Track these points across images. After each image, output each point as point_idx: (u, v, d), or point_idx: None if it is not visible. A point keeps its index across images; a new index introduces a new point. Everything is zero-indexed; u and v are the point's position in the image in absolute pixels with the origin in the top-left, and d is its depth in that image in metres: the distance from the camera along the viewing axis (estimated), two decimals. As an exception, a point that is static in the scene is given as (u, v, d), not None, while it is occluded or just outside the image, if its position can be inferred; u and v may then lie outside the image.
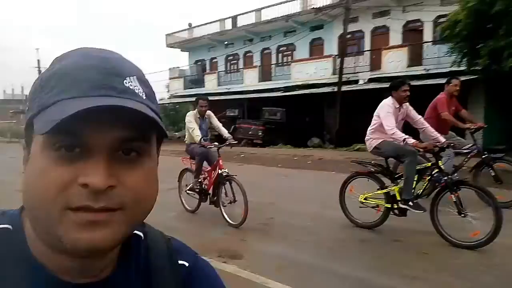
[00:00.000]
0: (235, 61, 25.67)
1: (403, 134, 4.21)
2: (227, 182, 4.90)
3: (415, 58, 16.47)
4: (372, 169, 4.69)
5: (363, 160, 4.93)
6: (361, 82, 17.61)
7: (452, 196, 3.95)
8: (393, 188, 4.48)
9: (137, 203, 0.47)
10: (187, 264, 0.59)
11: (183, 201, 5.76)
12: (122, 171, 0.45)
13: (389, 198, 4.46)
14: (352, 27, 18.85)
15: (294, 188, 7.61)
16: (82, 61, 0.46)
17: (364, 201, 4.70)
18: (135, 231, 0.56)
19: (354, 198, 4.77)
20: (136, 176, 0.46)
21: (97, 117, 0.42)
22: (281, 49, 22.99)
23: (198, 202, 5.44)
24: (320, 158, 11.86)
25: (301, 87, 19.37)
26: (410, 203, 4.26)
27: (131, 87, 0.47)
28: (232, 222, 4.80)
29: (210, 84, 25.13)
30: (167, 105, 29.73)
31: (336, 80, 17.48)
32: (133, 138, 0.46)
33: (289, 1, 21.23)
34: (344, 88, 16.81)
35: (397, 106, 4.53)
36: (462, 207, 3.92)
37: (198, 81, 26.40)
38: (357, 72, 18.10)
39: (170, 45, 27.88)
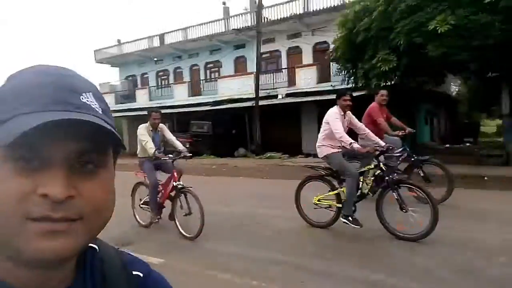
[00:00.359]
0: (165, 77, 26.53)
1: (350, 139, 4.54)
2: (182, 194, 4.90)
3: (324, 76, 18.67)
4: (322, 173, 5.07)
5: (314, 165, 5.31)
6: (279, 97, 19.47)
7: (394, 194, 4.33)
8: (342, 189, 4.84)
9: (96, 213, 0.48)
10: (141, 275, 0.61)
11: (136, 215, 5.70)
12: (80, 182, 0.47)
13: (340, 198, 4.84)
14: (270, 47, 20.90)
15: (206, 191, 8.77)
16: (38, 78, 0.48)
17: (318, 202, 5.06)
18: (90, 244, 0.56)
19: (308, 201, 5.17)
20: (94, 187, 0.48)
21: (56, 130, 0.44)
22: (208, 65, 24.33)
23: (156, 213, 5.38)
24: (235, 166, 13.21)
25: (227, 102, 20.80)
26: (350, 218, 4.65)
27: (87, 103, 0.49)
28: (187, 235, 4.83)
29: (142, 99, 25.70)
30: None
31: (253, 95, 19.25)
32: (90, 150, 0.48)
33: (213, 22, 22.67)
34: (264, 102, 18.52)
35: (342, 113, 4.91)
36: (403, 203, 4.30)
37: (130, 96, 26.81)
38: (276, 88, 19.95)
39: (99, 61, 27.94)
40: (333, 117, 4.74)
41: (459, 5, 7.86)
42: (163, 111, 20.05)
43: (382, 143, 4.75)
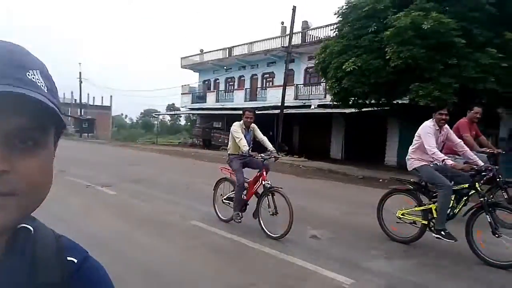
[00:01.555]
0: (232, 83, 31.16)
1: (443, 155, 4.33)
2: (270, 194, 4.94)
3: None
4: (410, 187, 4.84)
5: (402, 178, 5.17)
6: (312, 107, 22.35)
7: (487, 217, 4.02)
8: (430, 206, 4.57)
9: (30, 191, 0.47)
10: (75, 261, 0.59)
11: (217, 210, 5.77)
12: (17, 158, 0.46)
13: (426, 215, 4.57)
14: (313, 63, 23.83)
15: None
16: None
17: (401, 216, 4.81)
18: (24, 225, 0.56)
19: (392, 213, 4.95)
20: (31, 164, 0.47)
21: None
22: (265, 75, 28.18)
23: (238, 211, 5.35)
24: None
25: (273, 108, 24.35)
26: (443, 232, 4.37)
27: (33, 80, 0.48)
28: (272, 234, 4.78)
29: (210, 100, 30.76)
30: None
31: (296, 103, 22.47)
32: (31, 128, 0.47)
33: (271, 39, 26.46)
34: (301, 110, 21.63)
35: (437, 128, 4.68)
36: (497, 227, 4.01)
37: (203, 97, 32.12)
38: (311, 99, 22.85)
39: (184, 66, 33.93)
40: (426, 132, 4.57)
41: (365, 52, 10.42)
42: (224, 112, 25.01)
43: (480, 163, 4.49)
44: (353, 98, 12.38)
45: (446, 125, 4.78)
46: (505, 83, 9.37)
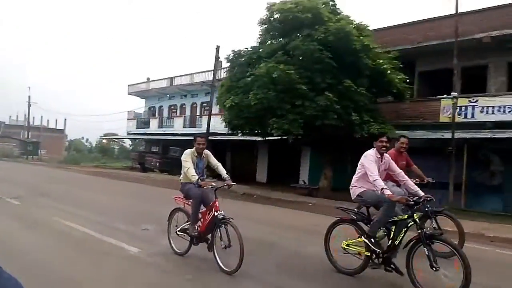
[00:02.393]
0: (174, 110, 33.30)
1: (383, 184, 4.32)
2: (223, 225, 4.66)
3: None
4: (354, 217, 4.78)
5: (347, 207, 5.02)
6: (240, 134, 24.76)
7: (425, 249, 3.97)
8: None
9: None
10: None
11: (172, 242, 5.45)
12: None
13: (369, 247, 4.45)
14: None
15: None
16: None
17: (346, 247, 4.72)
18: None
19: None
20: None
21: None
22: (203, 104, 30.55)
23: (188, 245, 5.18)
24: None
25: (210, 134, 26.61)
26: (372, 240, 4.39)
27: None
28: (226, 269, 4.55)
29: (153, 125, 32.68)
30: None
31: (225, 131, 24.86)
32: None
33: (206, 72, 29.07)
34: (230, 137, 23.96)
35: (378, 156, 4.70)
36: (434, 261, 3.93)
37: (147, 123, 33.95)
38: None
39: (130, 93, 35.80)
40: (368, 160, 4.61)
41: (242, 92, 13.04)
42: (164, 137, 27.03)
43: (421, 193, 4.46)
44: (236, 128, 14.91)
45: (387, 154, 4.88)
46: (343, 118, 12.08)
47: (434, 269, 3.95)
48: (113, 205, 10.52)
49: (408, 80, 14.38)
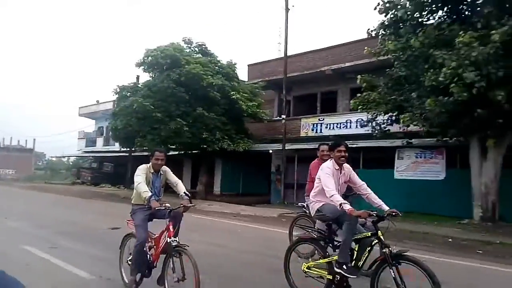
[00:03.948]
0: (119, 129, 36.92)
1: (341, 199, 3.89)
2: (177, 254, 3.89)
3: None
4: (314, 236, 4.37)
5: (306, 226, 4.79)
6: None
7: (391, 271, 3.57)
8: (335, 258, 3.98)
9: None
10: None
11: (123, 273, 4.66)
12: None
13: (332, 269, 3.97)
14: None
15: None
16: None
17: (307, 270, 4.25)
18: None
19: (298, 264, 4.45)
20: None
21: None
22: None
23: (139, 277, 4.31)
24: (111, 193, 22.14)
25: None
26: (344, 266, 3.85)
27: None
28: None
29: (99, 144, 36.12)
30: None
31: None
32: None
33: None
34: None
35: (337, 167, 4.23)
36: (402, 283, 3.54)
37: (95, 141, 37.38)
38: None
39: (81, 115, 39.28)
40: (324, 172, 4.13)
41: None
42: (103, 154, 30.55)
43: (385, 207, 3.92)
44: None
45: (347, 165, 4.36)
46: (197, 137, 16.00)
47: None
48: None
49: (259, 104, 18.68)
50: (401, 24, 10.45)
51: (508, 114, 8.82)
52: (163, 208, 4.11)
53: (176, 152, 18.44)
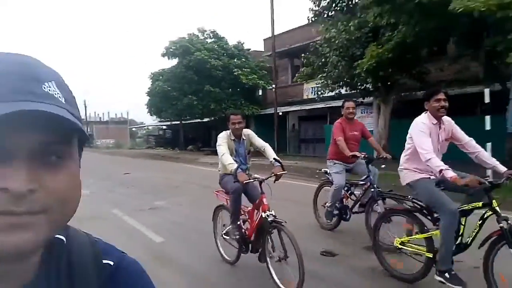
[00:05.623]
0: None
1: (441, 163, 3.10)
2: (275, 230, 3.51)
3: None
4: (408, 207, 3.65)
5: (400, 196, 3.97)
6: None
7: (511, 250, 2.81)
8: (435, 232, 3.33)
9: (60, 206, 0.47)
10: (112, 263, 0.59)
11: (220, 247, 4.40)
12: (43, 174, 0.45)
13: (431, 245, 3.34)
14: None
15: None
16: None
17: (401, 246, 3.61)
18: (57, 235, 0.56)
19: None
20: (58, 179, 0.47)
21: (17, 121, 0.42)
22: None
23: (237, 252, 4.07)
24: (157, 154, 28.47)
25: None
26: (447, 274, 3.16)
27: (49, 92, 0.47)
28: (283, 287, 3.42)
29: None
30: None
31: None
32: (53, 142, 0.46)
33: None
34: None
35: (434, 122, 3.40)
36: None
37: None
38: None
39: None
40: (418, 130, 3.34)
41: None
42: (166, 123, 38.56)
43: (502, 169, 3.16)
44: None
45: (447, 118, 3.46)
46: (207, 109, 20.79)
47: None
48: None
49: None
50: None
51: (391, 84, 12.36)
52: (253, 180, 3.72)
53: (193, 121, 23.44)
